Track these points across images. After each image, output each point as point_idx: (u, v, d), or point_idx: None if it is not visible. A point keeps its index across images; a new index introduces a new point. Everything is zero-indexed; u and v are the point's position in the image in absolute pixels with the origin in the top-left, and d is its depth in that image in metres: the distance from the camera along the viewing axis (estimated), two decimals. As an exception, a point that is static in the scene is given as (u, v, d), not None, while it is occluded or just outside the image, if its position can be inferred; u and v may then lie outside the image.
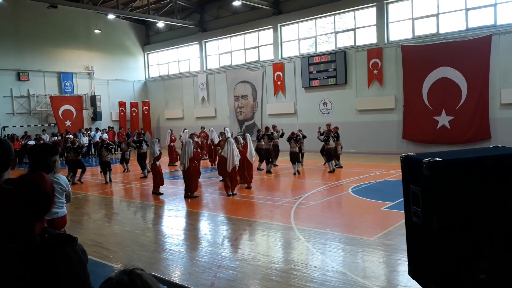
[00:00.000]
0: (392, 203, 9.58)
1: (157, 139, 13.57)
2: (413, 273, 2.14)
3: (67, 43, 26.73)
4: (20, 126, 24.94)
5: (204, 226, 9.21)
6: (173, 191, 12.30)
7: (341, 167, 15.69)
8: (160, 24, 27.01)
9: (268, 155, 15.88)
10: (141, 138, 16.77)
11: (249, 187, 12.58)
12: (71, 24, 26.60)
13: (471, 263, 1.92)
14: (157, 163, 12.54)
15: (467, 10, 17.56)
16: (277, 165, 16.82)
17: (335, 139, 15.53)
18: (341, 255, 6.64)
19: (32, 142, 21.12)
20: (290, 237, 7.67)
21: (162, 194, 12.29)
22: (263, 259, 6.51)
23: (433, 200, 1.86)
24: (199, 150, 12.65)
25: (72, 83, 27.29)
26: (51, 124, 26.37)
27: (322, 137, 15.57)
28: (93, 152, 24.62)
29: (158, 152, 12.67)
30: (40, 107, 25.94)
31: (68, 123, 26.23)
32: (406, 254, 2.22)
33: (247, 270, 6.07)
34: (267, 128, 16.67)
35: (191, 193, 11.55)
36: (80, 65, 27.63)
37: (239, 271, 6.03)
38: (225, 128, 18.82)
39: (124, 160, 17.54)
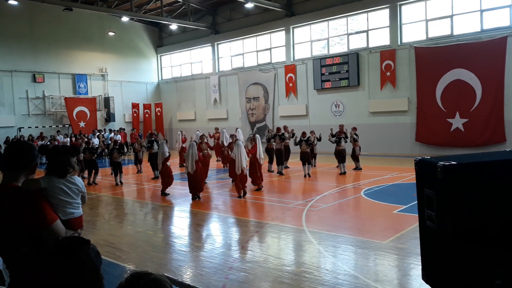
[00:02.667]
0: (405, 206, 9.49)
1: (166, 141, 13.74)
2: (427, 277, 2.12)
3: (82, 45, 27.09)
4: (35, 127, 25.32)
5: (216, 227, 9.25)
6: (184, 193, 12.36)
7: (360, 169, 15.52)
8: (173, 26, 27.20)
9: (279, 155, 15.83)
10: (153, 139, 16.98)
11: (259, 189, 12.58)
12: (85, 27, 26.95)
13: (486, 269, 1.90)
14: (168, 163, 12.75)
15: (481, 11, 17.32)
16: (288, 167, 16.78)
17: (353, 140, 15.44)
18: (353, 258, 6.60)
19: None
20: (301, 239, 7.65)
21: (168, 194, 12.48)
22: (274, 261, 6.50)
23: (447, 204, 1.85)
24: (206, 152, 12.70)
25: (86, 84, 27.64)
26: (66, 125, 26.73)
27: (334, 138, 15.47)
28: (105, 153, 24.78)
29: (167, 154, 12.86)
30: (55, 108, 26.32)
31: (82, 124, 26.56)
32: (419, 258, 2.20)
33: (259, 272, 6.06)
34: (278, 129, 16.62)
35: (198, 193, 11.68)
36: (94, 67, 27.97)
37: (250, 273, 6.03)
38: (236, 129, 18.78)
39: (137, 161, 17.73)
